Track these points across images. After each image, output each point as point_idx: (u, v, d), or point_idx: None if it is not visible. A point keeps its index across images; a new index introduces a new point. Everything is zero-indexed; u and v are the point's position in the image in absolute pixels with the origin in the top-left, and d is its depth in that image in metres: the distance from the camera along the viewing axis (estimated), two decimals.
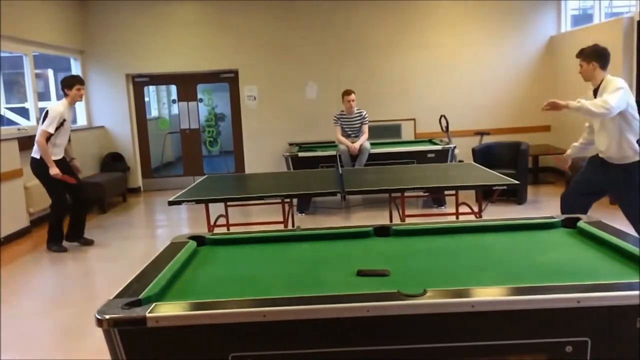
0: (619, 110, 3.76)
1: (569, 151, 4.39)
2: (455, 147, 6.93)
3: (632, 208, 3.96)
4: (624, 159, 3.94)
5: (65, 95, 5.64)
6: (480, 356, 1.83)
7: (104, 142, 9.21)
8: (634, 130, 3.89)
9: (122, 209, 8.13)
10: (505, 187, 4.40)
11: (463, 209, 5.29)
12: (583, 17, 9.21)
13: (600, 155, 4.09)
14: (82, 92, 5.70)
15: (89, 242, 6.08)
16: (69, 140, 5.94)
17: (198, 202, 4.36)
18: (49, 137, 5.44)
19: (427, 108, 9.08)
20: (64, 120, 5.54)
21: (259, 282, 2.19)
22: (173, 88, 9.78)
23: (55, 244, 5.82)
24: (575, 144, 4.35)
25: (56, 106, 5.58)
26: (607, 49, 4.00)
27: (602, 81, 3.93)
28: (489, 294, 1.88)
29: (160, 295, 1.99)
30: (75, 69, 9.03)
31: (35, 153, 5.53)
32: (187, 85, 9.55)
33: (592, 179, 4.17)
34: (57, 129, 5.47)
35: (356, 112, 6.95)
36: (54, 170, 5.42)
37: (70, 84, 5.61)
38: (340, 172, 5.21)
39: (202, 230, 4.66)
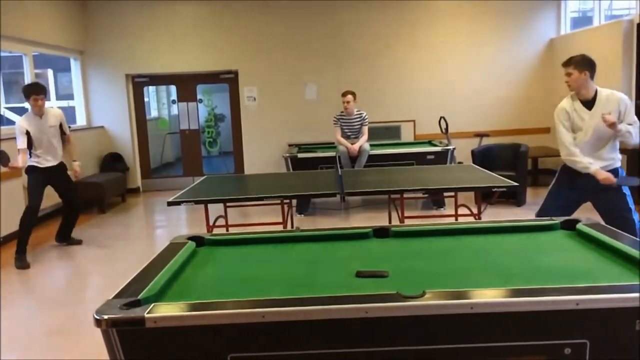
0: None
1: (596, 168, 3.83)
2: (454, 148, 6.93)
3: (617, 210, 3.84)
4: (609, 165, 3.87)
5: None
6: (479, 358, 1.83)
7: (104, 142, 9.20)
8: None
9: (121, 209, 8.13)
10: (504, 189, 4.40)
11: (462, 210, 5.29)
12: (583, 20, 9.22)
13: (587, 167, 3.86)
14: (38, 102, 5.35)
15: (77, 242, 6.10)
16: (67, 141, 5.85)
17: (197, 202, 4.36)
18: (27, 148, 5.34)
19: (427, 110, 9.09)
20: (28, 132, 5.35)
21: (258, 283, 2.19)
22: (173, 88, 9.77)
23: (19, 257, 5.39)
24: (589, 160, 3.87)
25: (18, 121, 5.44)
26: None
27: (596, 93, 3.82)
28: (488, 296, 1.88)
29: (159, 296, 1.99)
30: (75, 69, 9.03)
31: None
32: (186, 85, 9.55)
33: (568, 192, 4.00)
34: (29, 141, 5.34)
35: (356, 113, 6.95)
36: (16, 162, 5.22)
37: (27, 95, 5.35)
38: (340, 173, 5.21)
39: (201, 230, 4.66)
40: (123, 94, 9.24)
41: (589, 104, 3.84)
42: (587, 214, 3.10)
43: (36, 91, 5.39)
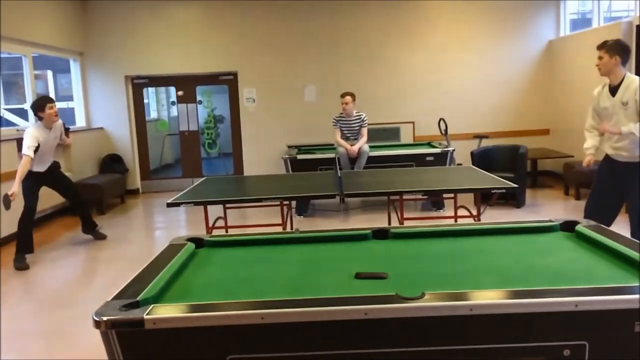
0: None
1: (589, 154, 4.07)
2: (453, 150, 6.93)
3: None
4: (634, 157, 3.79)
5: (40, 118, 5.44)
6: (479, 359, 1.83)
7: (103, 143, 9.20)
8: None
9: (120, 211, 8.13)
10: (503, 191, 4.40)
11: (462, 212, 5.29)
12: (582, 21, 9.24)
13: (612, 152, 3.88)
14: (54, 109, 5.47)
15: (102, 237, 6.35)
16: (65, 142, 5.98)
17: (197, 204, 4.36)
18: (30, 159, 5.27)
19: (426, 111, 9.10)
20: (38, 144, 5.33)
21: (257, 284, 2.19)
22: (172, 90, 9.77)
23: (18, 258, 5.43)
24: (592, 144, 4.06)
25: (32, 129, 5.38)
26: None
27: (623, 79, 3.79)
28: (487, 297, 1.88)
29: (158, 297, 1.99)
30: (75, 70, 9.03)
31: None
32: (186, 87, 9.55)
33: (610, 185, 3.93)
34: (35, 151, 5.30)
35: (355, 114, 6.95)
36: (15, 189, 5.14)
37: (42, 105, 5.40)
38: (339, 174, 5.22)
39: (201, 232, 4.65)
40: (122, 95, 9.24)
41: (615, 90, 3.80)
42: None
43: (50, 99, 5.54)
